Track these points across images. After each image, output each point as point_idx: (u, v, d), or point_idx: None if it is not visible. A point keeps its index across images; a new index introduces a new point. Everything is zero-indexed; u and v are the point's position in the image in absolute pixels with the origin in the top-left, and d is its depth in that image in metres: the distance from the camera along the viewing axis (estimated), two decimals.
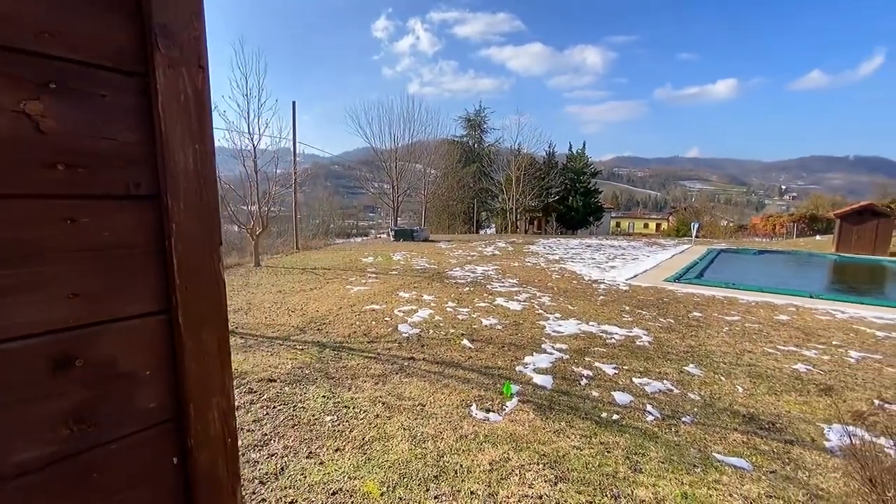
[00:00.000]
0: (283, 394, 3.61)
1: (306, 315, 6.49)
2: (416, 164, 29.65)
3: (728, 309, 7.51)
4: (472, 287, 8.79)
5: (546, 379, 4.21)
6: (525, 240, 23.36)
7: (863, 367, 4.82)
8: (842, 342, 5.72)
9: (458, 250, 16.22)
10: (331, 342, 5.24)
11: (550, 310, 7.07)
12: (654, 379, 4.32)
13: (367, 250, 15.57)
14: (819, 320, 6.88)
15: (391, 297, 7.60)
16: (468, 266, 11.93)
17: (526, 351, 5.00)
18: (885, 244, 17.61)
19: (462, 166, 40.69)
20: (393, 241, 20.22)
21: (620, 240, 26.45)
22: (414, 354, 4.81)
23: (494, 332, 5.71)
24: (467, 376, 4.24)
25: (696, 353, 5.18)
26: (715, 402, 3.85)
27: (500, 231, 38.68)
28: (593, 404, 3.73)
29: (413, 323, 6.04)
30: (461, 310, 6.86)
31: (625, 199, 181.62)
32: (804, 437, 3.31)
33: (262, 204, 11.69)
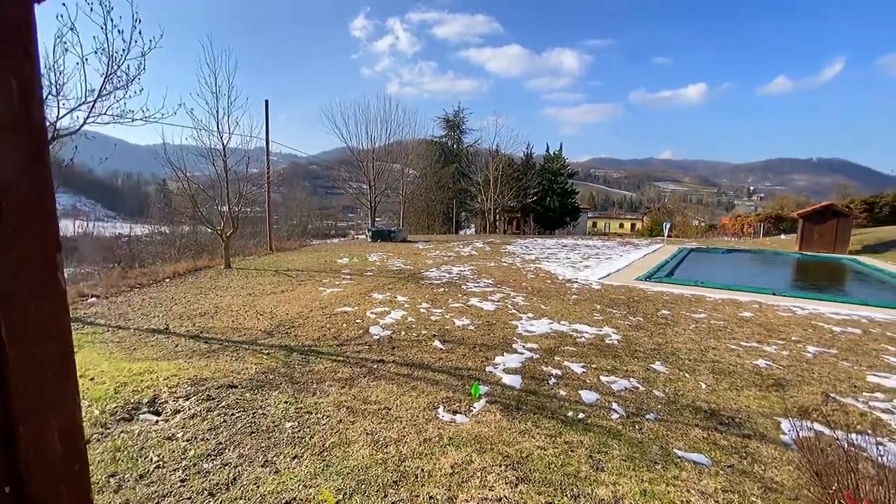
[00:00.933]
0: (242, 400, 3.50)
1: (275, 318, 6.34)
2: (395, 165, 29.48)
3: (695, 307, 7.70)
4: (447, 288, 8.77)
5: (515, 379, 4.21)
6: (503, 240, 23.50)
7: (819, 362, 5.00)
8: (801, 338, 5.93)
9: (435, 251, 16.19)
10: (299, 346, 5.12)
11: (523, 309, 7.11)
12: (621, 377, 4.37)
13: (343, 251, 15.38)
14: (780, 317, 7.12)
15: (364, 299, 7.51)
16: (444, 267, 11.90)
17: (497, 351, 5.00)
18: (844, 243, 18.41)
19: (441, 167, 40.69)
20: (370, 241, 20.04)
21: (596, 240, 26.90)
22: (384, 357, 4.75)
23: (467, 333, 5.70)
24: (437, 378, 4.21)
25: (662, 350, 5.28)
26: (679, 399, 3.92)
27: (480, 231, 38.84)
28: (560, 403, 3.74)
29: (385, 325, 5.97)
30: (435, 311, 6.83)
31: (601, 200, 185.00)
32: (762, 431, 3.40)
33: (232, 204, 11.39)
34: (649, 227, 47.45)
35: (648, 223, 49.96)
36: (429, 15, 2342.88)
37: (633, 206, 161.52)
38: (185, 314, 6.55)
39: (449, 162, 41.42)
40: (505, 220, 42.76)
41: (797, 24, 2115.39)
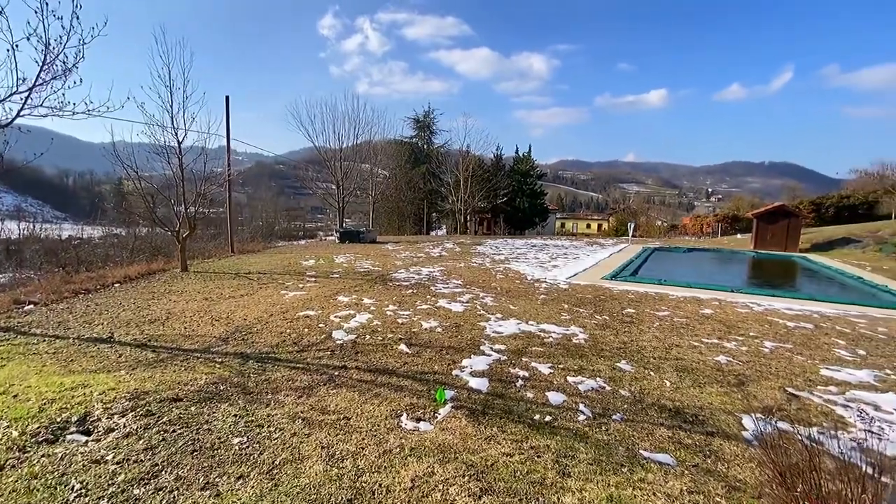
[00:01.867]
0: (187, 415, 3.22)
1: (232, 323, 6.00)
2: (364, 164, 29.01)
3: (659, 305, 7.83)
4: (415, 289, 8.60)
5: (482, 382, 4.10)
6: (473, 240, 23.51)
7: (776, 357, 5.13)
8: (758, 333, 6.10)
9: (405, 252, 15.97)
10: (256, 353, 4.84)
11: (492, 310, 7.03)
12: (587, 377, 4.34)
13: (309, 253, 14.93)
14: (739, 313, 7.34)
15: (328, 302, 7.24)
16: (414, 268, 11.72)
17: (464, 354, 4.88)
18: (794, 241, 19.39)
19: (411, 167, 40.42)
20: (338, 243, 19.60)
21: (564, 240, 27.34)
22: (346, 363, 4.54)
23: (434, 336, 5.55)
24: (401, 383, 4.04)
25: (628, 349, 5.31)
26: (644, 398, 3.91)
27: (451, 232, 38.80)
28: (527, 406, 3.65)
29: (349, 329, 5.75)
30: (402, 313, 6.65)
31: (569, 201, 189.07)
32: (724, 428, 3.41)
33: (188, 204, 10.81)
34: (615, 227, 48.75)
35: (614, 223, 51.32)
36: (399, 15, 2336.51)
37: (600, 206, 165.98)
38: (133, 321, 6.11)
39: (419, 162, 41.19)
40: (476, 221, 42.94)
41: (750, 34, 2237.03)
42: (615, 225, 49.63)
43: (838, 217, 29.72)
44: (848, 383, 4.36)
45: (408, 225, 39.18)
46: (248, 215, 55.77)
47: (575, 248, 19.41)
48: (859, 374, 4.59)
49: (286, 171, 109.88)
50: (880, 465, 1.99)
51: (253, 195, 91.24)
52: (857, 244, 18.91)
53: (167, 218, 11.79)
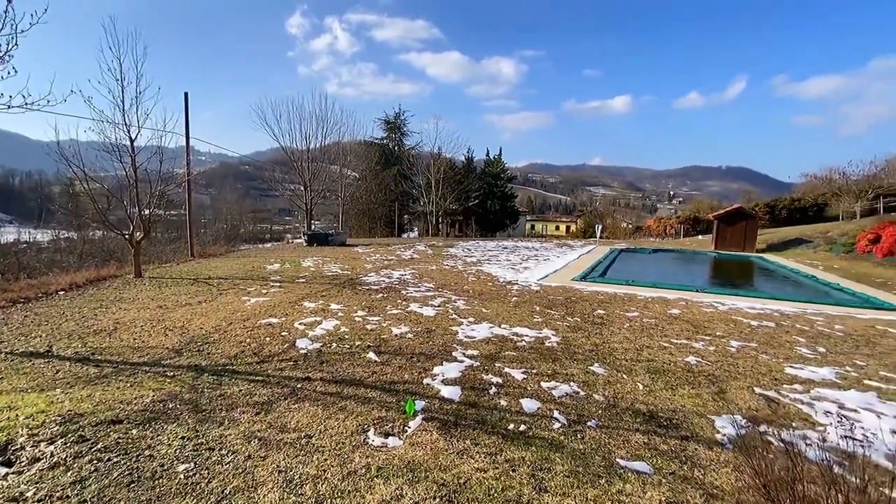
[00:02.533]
0: (126, 439, 2.90)
1: (187, 333, 5.60)
2: (332, 166, 28.40)
3: (628, 305, 7.90)
4: (386, 293, 8.36)
5: (454, 391, 3.93)
6: (445, 242, 23.38)
7: (742, 356, 5.21)
8: (724, 333, 6.21)
9: (375, 254, 15.65)
10: (211, 365, 4.50)
11: (464, 314, 6.89)
12: (561, 382, 4.24)
13: (275, 256, 14.39)
14: (705, 313, 7.48)
15: (293, 309, 6.90)
16: (384, 271, 11.45)
17: (436, 361, 4.70)
18: (752, 242, 20.25)
19: (382, 168, 39.98)
20: (306, 245, 19.03)
21: (534, 241, 27.61)
22: (310, 374, 4.28)
23: (404, 342, 5.34)
24: (369, 395, 3.82)
25: (600, 351, 5.27)
26: (618, 402, 3.85)
27: (423, 234, 38.57)
28: (501, 415, 3.51)
29: (314, 337, 5.46)
30: (371, 319, 6.41)
31: (539, 203, 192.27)
32: (698, 431, 3.38)
33: (142, 206, 10.17)
34: (583, 228, 49.81)
35: (582, 225, 52.45)
36: (368, 17, 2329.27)
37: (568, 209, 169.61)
38: (76, 333, 5.61)
39: (390, 164, 40.80)
40: (448, 223, 42.88)
41: (707, 44, 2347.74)
42: (583, 227, 50.73)
43: (790, 219, 31.33)
44: (812, 381, 4.45)
45: (379, 227, 38.70)
46: (211, 217, 53.84)
47: (545, 250, 19.58)
48: (822, 372, 4.71)
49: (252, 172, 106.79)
50: (865, 476, 1.95)
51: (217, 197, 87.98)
52: (809, 244, 19.93)
53: (123, 221, 11.07)
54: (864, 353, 5.40)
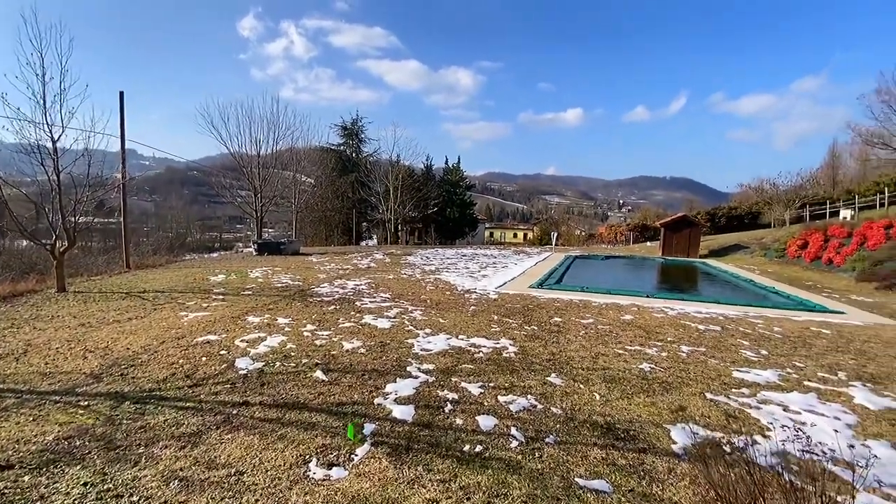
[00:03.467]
0: (14, 490, 2.45)
1: (110, 355, 5.03)
2: (286, 172, 27.42)
3: (583, 312, 7.97)
4: (339, 305, 7.98)
5: (407, 410, 3.69)
6: (404, 251, 23.06)
7: (693, 361, 5.31)
8: (675, 338, 6.35)
9: (330, 264, 15.11)
10: (135, 391, 4.02)
11: (421, 325, 6.66)
12: (518, 395, 4.11)
13: (221, 267, 13.55)
14: (656, 318, 7.66)
15: (235, 324, 6.41)
16: (339, 281, 11.03)
17: (389, 377, 4.45)
18: (696, 248, 21.36)
19: (338, 175, 39.15)
20: (256, 255, 18.14)
21: (493, 249, 27.84)
22: (249, 397, 3.90)
23: (356, 358, 5.04)
24: (314, 420, 3.51)
25: (557, 360, 5.20)
26: (576, 415, 3.75)
27: (381, 242, 37.99)
28: (456, 435, 3.32)
29: (256, 355, 5.05)
30: (321, 333, 6.04)
31: (497, 211, 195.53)
32: (655, 442, 3.33)
33: (66, 213, 9.24)
34: (539, 236, 50.96)
35: (538, 233, 53.67)
36: (325, 22, 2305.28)
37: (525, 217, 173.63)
38: None
39: (347, 171, 40.04)
40: (407, 231, 42.54)
41: (652, 62, 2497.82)
42: (539, 234, 51.91)
43: (729, 226, 33.50)
44: (758, 384, 4.58)
45: (336, 235, 37.75)
46: (154, 225, 50.69)
47: (504, 258, 19.73)
48: (765, 375, 4.86)
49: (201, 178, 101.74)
50: (824, 492, 1.90)
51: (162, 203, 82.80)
52: (746, 250, 21.28)
53: (35, 230, 10.01)
54: (801, 355, 5.67)
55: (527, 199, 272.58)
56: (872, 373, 5.02)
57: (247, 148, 22.59)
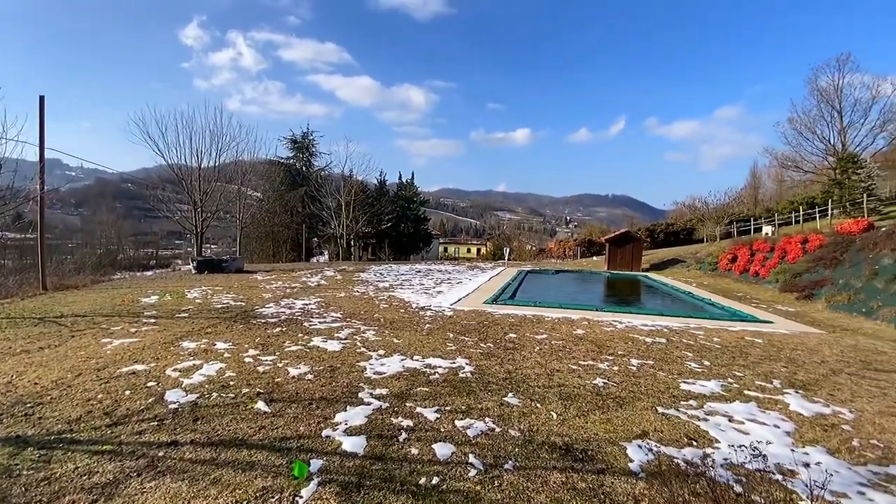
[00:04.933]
0: None
1: (13, 392, 4.37)
2: (231, 185, 26.15)
3: (537, 328, 8.03)
4: (285, 327, 7.53)
5: (358, 442, 3.45)
6: (357, 267, 22.53)
7: (643, 374, 5.44)
8: (625, 351, 6.51)
9: (277, 282, 14.41)
10: (40, 435, 3.48)
11: (374, 346, 6.40)
12: (476, 418, 3.98)
13: (155, 287, 12.51)
14: (606, 332, 7.85)
15: (167, 351, 5.84)
16: (286, 300, 10.48)
17: (339, 406, 4.17)
18: (638, 262, 22.47)
19: (288, 189, 37.93)
20: (195, 273, 16.98)
21: (447, 264, 27.86)
22: (179, 436, 3.49)
23: (303, 385, 4.71)
24: (254, 458, 3.18)
25: (513, 378, 5.14)
26: (534, 437, 3.67)
27: (333, 258, 37.00)
28: (411, 467, 3.12)
29: (190, 386, 4.59)
30: (265, 358, 5.63)
31: (451, 227, 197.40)
32: (612, 462, 3.30)
33: None
34: (492, 251, 51.82)
35: (491, 248, 54.58)
36: (275, 36, 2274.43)
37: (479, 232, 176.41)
38: None
39: (297, 185, 38.90)
40: (360, 246, 41.77)
41: (592, 88, 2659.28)
42: (492, 249, 52.79)
43: (667, 241, 35.69)
44: (703, 395, 4.74)
45: (284, 251, 36.32)
46: (80, 241, 46.54)
47: (458, 273, 19.75)
48: (710, 385, 5.05)
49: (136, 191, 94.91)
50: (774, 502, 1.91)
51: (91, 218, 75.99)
52: (683, 264, 22.66)
53: None
54: (740, 364, 5.97)
55: (480, 215, 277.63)
56: (803, 380, 5.37)
57: (187, 159, 21.36)
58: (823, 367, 5.92)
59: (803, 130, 34.01)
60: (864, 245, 13.16)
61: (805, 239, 16.06)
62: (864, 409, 4.48)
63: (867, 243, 13.09)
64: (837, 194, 24.54)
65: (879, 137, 32.16)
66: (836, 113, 32.73)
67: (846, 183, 24.95)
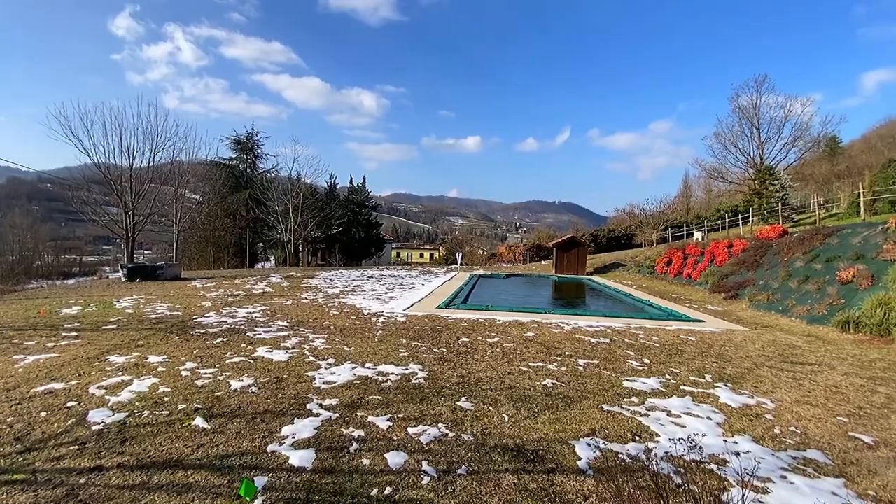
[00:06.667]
0: None
1: None
2: (167, 186, 24.49)
3: (489, 331, 8.14)
4: (226, 337, 7.12)
5: (307, 455, 3.31)
6: (305, 273, 21.80)
7: (589, 374, 5.65)
8: (572, 352, 6.74)
9: (218, 289, 13.62)
10: None
11: (323, 355, 6.20)
12: (429, 424, 3.95)
13: (78, 296, 11.42)
14: (554, 334, 8.10)
15: (91, 367, 5.33)
16: (228, 309, 9.93)
17: (286, 418, 3.99)
18: (583, 266, 23.44)
19: (231, 192, 36.10)
20: (126, 281, 15.70)
21: (400, 269, 27.66)
22: (104, 460, 3.18)
23: (246, 398, 4.46)
24: (191, 479, 2.96)
25: (466, 382, 5.17)
26: (487, 440, 3.70)
27: (280, 264, 35.58)
28: (363, 479, 3.03)
29: (118, 404, 4.21)
30: (204, 371, 5.28)
31: (403, 232, 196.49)
32: (562, 460, 3.39)
33: None
34: (445, 256, 52.09)
35: (444, 253, 54.89)
36: (217, 32, 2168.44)
37: (431, 237, 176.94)
38: None
39: (241, 187, 37.12)
40: (309, 252, 40.50)
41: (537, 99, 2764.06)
42: (445, 254, 53.09)
43: (609, 246, 37.58)
44: (644, 392, 5.00)
45: (226, 257, 34.46)
46: None
47: (411, 278, 19.65)
48: (650, 382, 5.34)
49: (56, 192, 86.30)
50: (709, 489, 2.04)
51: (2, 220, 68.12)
52: (623, 267, 23.92)
53: None
54: (676, 361, 6.37)
55: (432, 220, 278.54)
56: (731, 374, 5.81)
57: (116, 159, 19.76)
58: (748, 362, 6.44)
59: (727, 144, 37.24)
60: (779, 249, 14.54)
61: (730, 244, 17.49)
62: (783, 398, 4.92)
63: (782, 247, 14.47)
64: (757, 203, 27.01)
65: (791, 152, 35.89)
66: (754, 129, 36.11)
67: (764, 193, 27.55)
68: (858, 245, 11.71)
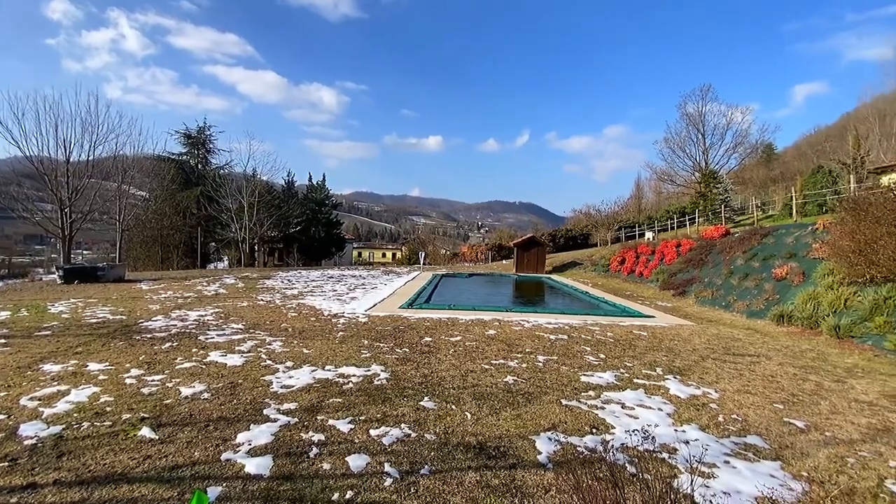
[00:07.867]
0: None
1: None
2: (109, 182, 22.89)
3: (452, 330, 8.18)
4: (176, 342, 6.76)
5: (264, 462, 3.19)
6: (262, 273, 21.05)
7: (548, 370, 5.80)
8: (532, 349, 6.90)
9: (166, 291, 12.90)
10: None
11: (281, 358, 6.01)
12: (391, 425, 3.92)
13: (7, 300, 10.47)
14: (515, 331, 8.25)
15: (23, 377, 4.91)
16: (177, 312, 9.43)
17: (241, 425, 3.83)
18: (542, 265, 24.03)
19: (180, 188, 34.30)
20: (62, 283, 14.56)
21: (361, 269, 27.28)
22: (38, 477, 2.93)
23: (197, 406, 4.25)
24: (136, 493, 2.78)
25: (429, 382, 5.17)
26: (450, 438, 3.72)
27: (234, 264, 34.17)
28: (323, 484, 2.97)
29: (53, 416, 3.89)
30: (151, 378, 4.98)
31: (365, 231, 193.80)
32: (523, 456, 3.46)
33: None
34: (407, 255, 51.84)
35: (407, 252, 54.60)
36: (165, 20, 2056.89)
37: (394, 237, 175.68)
38: None
39: (192, 184, 35.35)
40: (266, 252, 39.15)
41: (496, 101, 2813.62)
42: (408, 254, 52.83)
43: (567, 245, 38.73)
44: (601, 386, 5.19)
45: (175, 257, 32.69)
46: None
47: (373, 278, 19.41)
48: (605, 377, 5.55)
49: None
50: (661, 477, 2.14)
51: None
52: (580, 266, 24.73)
53: None
54: (629, 356, 6.66)
55: (395, 220, 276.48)
56: (679, 366, 6.14)
57: (51, 151, 18.25)
58: (695, 355, 6.83)
59: (676, 149, 39.30)
60: (722, 248, 15.52)
61: (679, 243, 18.48)
62: (726, 388, 5.25)
63: (725, 247, 15.45)
64: (702, 205, 28.68)
65: (732, 158, 38.33)
66: (700, 135, 38.31)
67: (709, 195, 29.30)
68: (791, 244, 12.69)
